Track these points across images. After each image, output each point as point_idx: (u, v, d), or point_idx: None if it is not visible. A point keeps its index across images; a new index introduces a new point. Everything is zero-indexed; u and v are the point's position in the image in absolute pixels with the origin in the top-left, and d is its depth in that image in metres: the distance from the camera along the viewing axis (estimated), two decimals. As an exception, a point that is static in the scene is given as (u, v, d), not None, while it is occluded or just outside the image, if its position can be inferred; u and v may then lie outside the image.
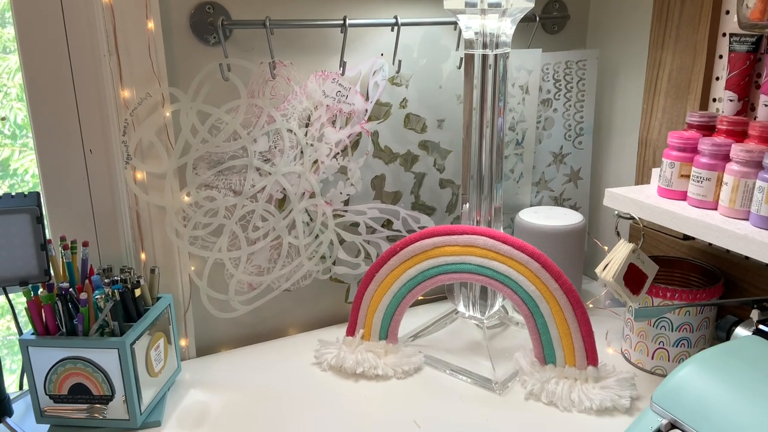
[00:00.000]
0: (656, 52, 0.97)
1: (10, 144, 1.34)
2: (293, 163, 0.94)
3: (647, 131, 1.02)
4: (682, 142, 0.82)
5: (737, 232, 0.72)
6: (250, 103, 0.89)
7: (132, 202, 0.88)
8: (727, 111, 0.86)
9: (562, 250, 1.02)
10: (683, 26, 0.92)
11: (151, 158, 0.86)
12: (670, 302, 0.86)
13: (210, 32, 0.87)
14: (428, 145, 1.04)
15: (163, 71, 0.84)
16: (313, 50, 0.94)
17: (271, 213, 0.95)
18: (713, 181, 0.79)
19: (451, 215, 1.10)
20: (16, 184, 1.37)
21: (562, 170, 1.14)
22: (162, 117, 0.85)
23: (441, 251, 0.91)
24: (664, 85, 0.97)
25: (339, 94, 0.94)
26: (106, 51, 0.81)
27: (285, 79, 0.91)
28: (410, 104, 1.01)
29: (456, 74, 1.03)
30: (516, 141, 1.09)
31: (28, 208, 0.70)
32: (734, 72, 0.85)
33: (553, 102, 1.09)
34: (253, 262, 0.96)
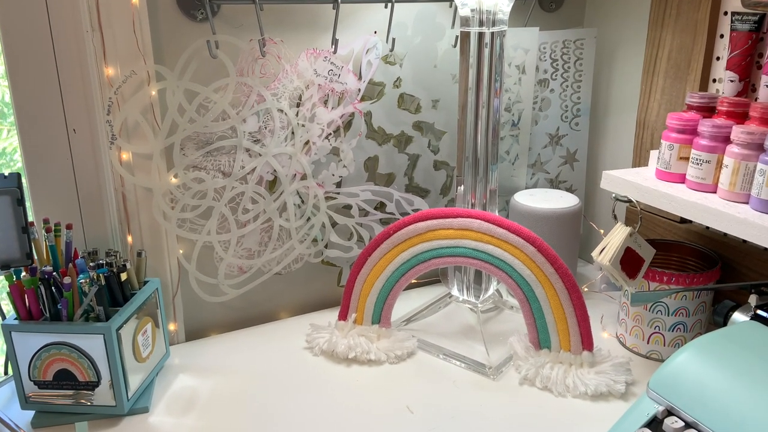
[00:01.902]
0: (656, 31, 0.95)
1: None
2: (284, 143, 0.91)
3: (645, 112, 1.00)
4: (682, 124, 0.80)
5: (737, 215, 0.71)
6: (239, 82, 0.87)
7: (118, 184, 0.85)
8: (728, 92, 0.84)
9: (558, 233, 1.01)
10: (684, 4, 0.90)
11: (136, 138, 0.84)
12: (666, 287, 0.85)
13: (197, 8, 0.84)
14: (422, 126, 1.02)
15: (148, 48, 0.81)
16: (304, 27, 0.91)
17: (262, 195, 0.92)
18: (713, 164, 0.77)
19: (445, 197, 1.08)
20: (4, 164, 1.34)
21: (559, 152, 1.12)
22: (148, 96, 0.82)
23: (435, 234, 0.89)
24: (664, 65, 0.95)
25: (331, 73, 0.91)
26: (89, 27, 0.78)
27: (275, 57, 0.88)
28: (404, 84, 0.98)
29: (451, 53, 1.00)
30: (512, 122, 1.07)
31: (8, 190, 0.67)
32: (735, 52, 0.83)
33: (550, 82, 1.07)
34: (243, 245, 0.94)
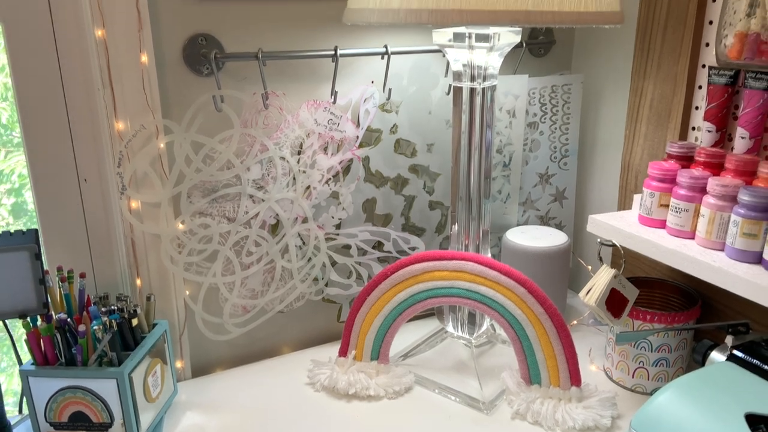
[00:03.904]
0: (638, 81, 1.00)
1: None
2: (286, 189, 0.96)
3: (629, 156, 1.05)
4: (662, 173, 0.85)
5: (712, 264, 0.75)
6: (244, 133, 0.91)
7: (127, 230, 0.89)
8: (705, 141, 0.89)
9: (548, 269, 1.05)
10: (664, 57, 0.95)
11: (145, 188, 0.88)
12: (649, 325, 0.90)
13: (203, 63, 0.88)
14: (418, 169, 1.07)
15: (156, 103, 0.85)
16: (304, 78, 0.96)
17: (265, 238, 0.97)
18: (691, 212, 0.82)
19: (440, 235, 1.13)
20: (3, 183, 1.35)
21: (548, 190, 1.17)
22: (156, 148, 0.87)
23: (431, 275, 0.94)
24: (646, 112, 1.00)
25: (330, 122, 0.96)
26: (100, 84, 0.83)
27: (277, 109, 0.93)
28: (400, 130, 1.03)
29: (445, 100, 1.05)
30: (503, 163, 1.12)
31: (28, 246, 0.71)
32: (712, 104, 0.88)
33: (540, 125, 1.12)
34: (247, 286, 0.98)
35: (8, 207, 1.31)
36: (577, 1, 0.69)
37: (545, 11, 0.68)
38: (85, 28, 0.81)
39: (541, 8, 0.68)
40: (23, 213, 1.30)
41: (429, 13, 0.69)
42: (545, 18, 0.68)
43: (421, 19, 0.70)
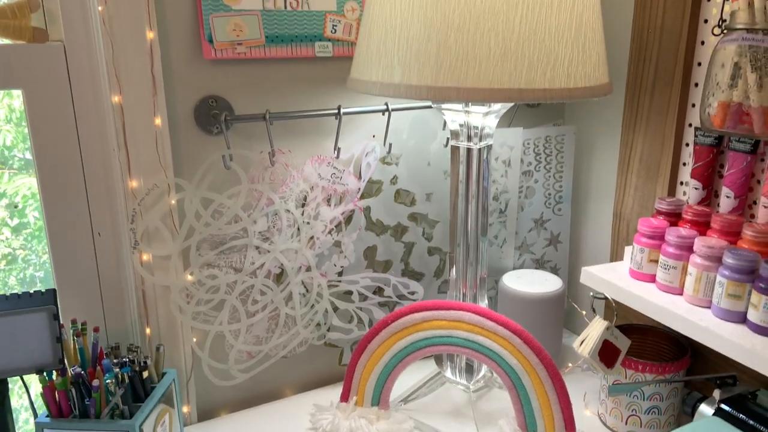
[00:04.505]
0: (628, 135, 1.05)
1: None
2: (291, 240, 1.00)
3: (621, 205, 1.09)
4: (651, 231, 0.89)
5: (699, 323, 0.79)
6: (251, 188, 0.95)
7: (138, 282, 0.93)
8: (693, 198, 0.93)
9: (544, 314, 1.09)
10: (653, 115, 0.99)
11: (157, 241, 0.92)
12: (641, 375, 0.93)
13: (213, 123, 0.93)
14: (417, 217, 1.11)
15: (168, 162, 0.90)
16: (309, 135, 1.00)
17: (270, 287, 1.00)
18: (679, 270, 0.86)
19: (438, 279, 1.16)
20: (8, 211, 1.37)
21: (543, 235, 1.21)
22: (168, 204, 0.91)
23: (429, 324, 0.97)
24: (636, 165, 1.04)
25: (334, 176, 1.00)
26: (115, 146, 0.87)
27: (283, 165, 0.97)
28: (400, 181, 1.07)
29: (443, 151, 1.09)
30: (499, 210, 1.16)
31: (46, 308, 0.75)
32: (699, 163, 0.92)
33: (534, 173, 1.16)
34: (252, 333, 1.02)
35: (11, 226, 1.35)
36: (567, 78, 0.74)
37: (537, 89, 0.72)
38: (103, 94, 0.86)
39: (533, 86, 0.72)
40: (24, 227, 1.31)
41: (428, 90, 0.74)
42: (537, 95, 0.73)
43: (420, 95, 0.74)
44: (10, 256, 1.25)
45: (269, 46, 0.93)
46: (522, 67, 0.72)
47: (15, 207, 1.16)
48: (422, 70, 0.74)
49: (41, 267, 1.25)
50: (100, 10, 0.81)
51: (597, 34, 0.77)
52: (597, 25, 0.77)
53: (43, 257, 1.25)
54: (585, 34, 0.75)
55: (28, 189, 1.28)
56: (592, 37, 0.76)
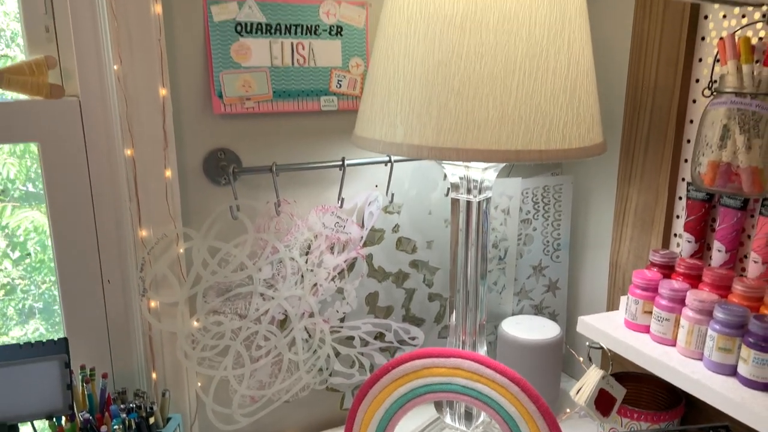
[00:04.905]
0: (624, 187, 1.08)
1: (2, 198, 1.37)
2: (294, 287, 1.02)
3: (617, 255, 1.11)
4: (645, 282, 0.91)
5: (691, 376, 0.81)
6: (257, 237, 0.98)
7: (146, 328, 0.95)
8: (686, 251, 0.96)
9: (542, 360, 1.11)
10: (647, 168, 1.03)
11: (164, 289, 0.94)
12: (636, 424, 0.94)
13: (221, 174, 0.96)
14: (418, 264, 1.13)
15: (178, 212, 0.93)
16: (314, 185, 1.03)
17: (273, 333, 1.02)
18: (672, 322, 0.88)
19: (439, 325, 1.18)
20: (7, 237, 1.39)
21: (542, 281, 1.23)
22: (176, 253, 0.93)
23: (430, 371, 0.99)
24: (631, 217, 1.07)
25: (337, 225, 1.03)
26: (127, 197, 0.90)
27: (289, 215, 1.00)
28: (402, 229, 1.10)
29: (444, 200, 1.13)
30: (499, 257, 1.19)
31: (58, 356, 0.77)
32: (691, 217, 0.95)
33: (533, 221, 1.19)
34: (256, 378, 1.03)
35: (12, 259, 1.37)
36: (562, 140, 0.77)
37: (533, 150, 0.76)
38: (116, 148, 0.89)
39: (530, 148, 0.75)
40: (25, 257, 1.32)
41: (429, 150, 0.77)
42: (533, 156, 0.76)
43: (422, 155, 0.77)
44: (9, 286, 1.27)
45: (276, 101, 0.97)
46: (519, 130, 0.75)
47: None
48: (424, 130, 0.77)
49: (40, 297, 1.27)
50: (115, 69, 0.85)
51: (591, 97, 0.81)
52: (591, 88, 0.81)
53: (42, 287, 1.27)
54: (579, 98, 0.78)
55: (30, 222, 1.31)
56: (586, 99, 0.80)
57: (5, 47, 0.99)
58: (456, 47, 0.74)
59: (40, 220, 1.24)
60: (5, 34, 0.97)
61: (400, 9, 0.79)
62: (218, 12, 0.90)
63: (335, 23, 0.99)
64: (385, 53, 0.81)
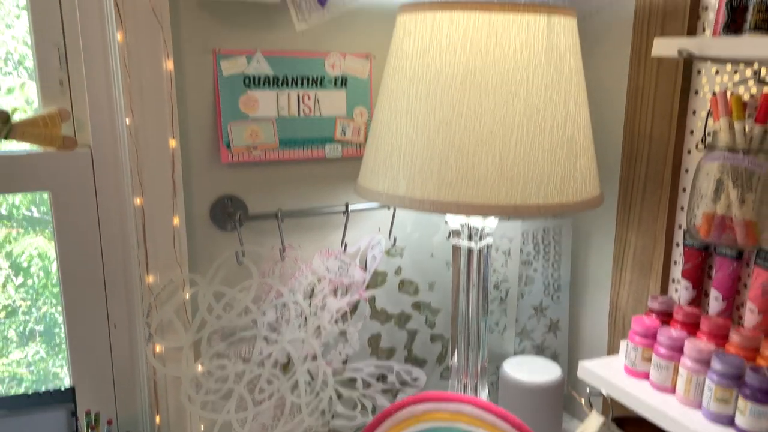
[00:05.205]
0: (622, 231, 1.10)
1: (7, 224, 1.37)
2: (298, 330, 1.04)
3: (617, 297, 1.13)
4: (644, 330, 0.93)
5: (690, 426, 0.82)
6: (261, 282, 1.00)
7: (150, 372, 0.96)
8: (683, 298, 0.97)
9: (544, 401, 1.11)
10: (644, 215, 1.05)
11: (170, 333, 0.96)
12: (638, 471, 0.95)
13: (228, 221, 0.98)
14: (420, 305, 1.15)
15: (184, 258, 0.95)
16: (318, 230, 1.05)
17: (277, 376, 1.04)
18: (671, 370, 0.89)
19: (441, 366, 1.19)
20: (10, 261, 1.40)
21: (543, 322, 1.24)
22: (182, 298, 0.95)
23: (431, 416, 1.00)
24: (630, 261, 1.09)
25: (340, 269, 1.05)
26: (135, 244, 0.92)
27: (293, 259, 1.02)
28: (404, 271, 1.12)
29: (446, 243, 1.14)
30: (500, 298, 1.20)
31: (65, 405, 0.79)
32: (689, 264, 0.96)
33: (533, 263, 1.21)
34: (258, 421, 1.04)
35: (16, 284, 1.38)
36: (560, 194, 0.79)
37: (531, 205, 0.78)
38: (126, 197, 0.92)
39: (528, 202, 0.78)
40: (28, 280, 1.33)
41: (431, 204, 0.79)
42: (531, 211, 0.78)
43: (424, 208, 0.80)
44: (10, 308, 1.28)
45: (282, 149, 1.00)
46: (518, 185, 0.77)
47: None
48: (425, 185, 0.79)
49: (41, 320, 1.29)
50: (127, 122, 0.87)
51: (587, 151, 0.83)
52: (588, 143, 0.84)
53: (44, 309, 1.28)
54: (576, 153, 0.81)
55: (35, 249, 1.33)
56: (582, 154, 0.82)
57: (13, 69, 1.01)
58: (456, 106, 0.77)
59: (44, 246, 1.26)
60: (13, 57, 1.00)
61: (402, 68, 0.82)
62: (228, 66, 0.93)
63: (340, 75, 1.02)
64: (388, 109, 0.84)
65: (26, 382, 1.23)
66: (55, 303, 1.22)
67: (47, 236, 1.22)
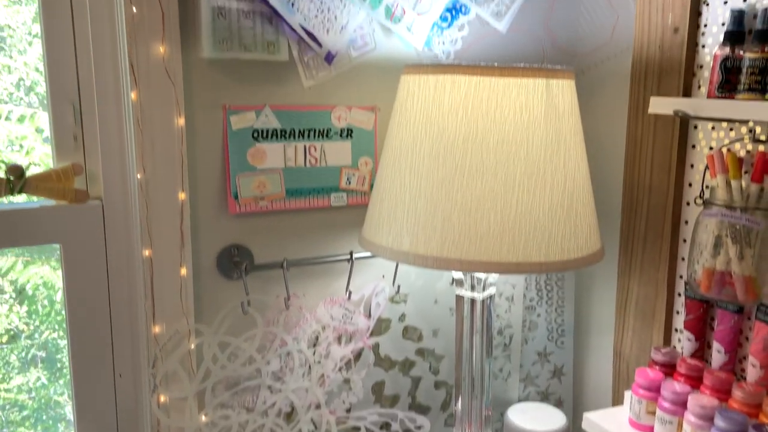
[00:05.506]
0: (624, 280, 1.10)
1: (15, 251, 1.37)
2: (302, 379, 1.04)
3: (621, 344, 1.13)
4: (648, 383, 0.93)
5: (696, 484, 0.81)
6: (266, 331, 1.01)
7: (154, 422, 0.97)
8: (686, 349, 0.97)
9: (548, 451, 1.11)
10: (645, 264, 1.06)
11: (174, 384, 0.96)
12: None
13: (234, 269, 1.00)
14: (424, 352, 1.15)
15: (190, 309, 0.96)
16: (322, 277, 1.07)
17: (280, 425, 1.04)
18: (675, 425, 0.89)
19: (445, 413, 1.19)
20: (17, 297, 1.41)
21: (547, 367, 1.24)
22: (187, 349, 0.96)
23: (435, 467, 1.00)
24: (633, 309, 1.09)
25: (345, 317, 1.06)
26: (142, 295, 0.94)
27: (298, 308, 1.03)
28: (408, 318, 1.13)
29: (449, 289, 1.15)
30: (504, 344, 1.20)
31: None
32: (690, 315, 0.97)
33: (537, 308, 1.21)
34: (262, 470, 1.04)
35: (20, 314, 1.39)
36: (560, 252, 0.80)
37: (533, 262, 0.79)
38: (135, 249, 0.93)
39: (530, 260, 0.79)
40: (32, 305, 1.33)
41: (434, 260, 0.80)
42: (533, 268, 0.79)
43: (427, 264, 0.81)
44: (13, 332, 1.29)
45: (289, 199, 1.02)
46: (519, 243, 0.79)
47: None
48: (428, 242, 0.81)
49: (43, 346, 1.29)
50: (139, 176, 0.90)
51: (588, 208, 0.85)
52: (588, 199, 0.85)
53: (45, 333, 1.28)
54: (576, 210, 0.82)
55: (40, 278, 1.34)
56: (583, 211, 0.83)
57: (24, 95, 1.04)
58: (459, 165, 0.79)
59: (49, 275, 1.27)
60: (24, 83, 1.02)
61: (406, 126, 0.84)
62: (237, 121, 0.96)
63: (346, 126, 1.04)
64: (392, 166, 0.86)
65: (27, 409, 1.23)
66: (58, 329, 1.23)
67: (53, 265, 1.23)
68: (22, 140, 1.06)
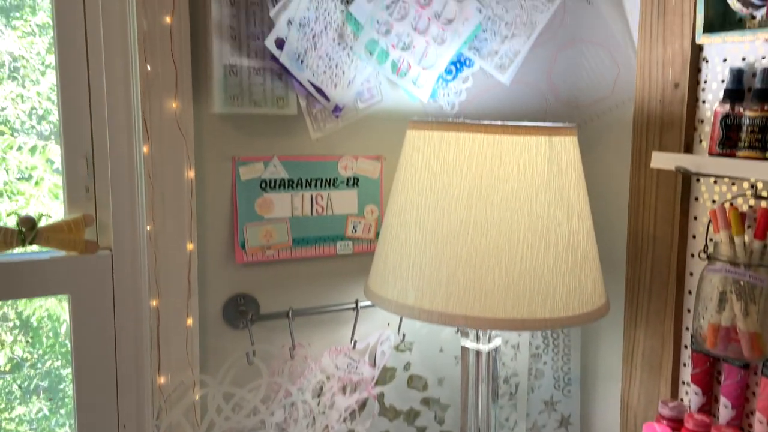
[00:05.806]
0: (630, 330, 1.10)
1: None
2: (306, 430, 1.03)
3: (628, 395, 1.12)
4: (655, 438, 0.92)
5: None
6: (271, 381, 1.01)
7: (158, 474, 0.96)
8: (694, 403, 0.97)
9: (555, 504, 1.09)
10: (651, 316, 1.06)
11: (179, 434, 0.96)
12: None
13: (240, 319, 1.00)
14: (429, 401, 1.14)
15: (196, 359, 0.96)
16: (328, 326, 1.07)
17: (284, 477, 1.03)
18: (684, 482, 0.87)
19: (450, 463, 1.18)
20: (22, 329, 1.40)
21: (554, 416, 1.23)
22: (192, 400, 0.96)
23: None
24: (639, 360, 1.09)
25: (349, 366, 1.06)
26: (149, 345, 0.94)
27: (303, 358, 1.03)
28: (413, 366, 1.12)
29: (455, 338, 1.15)
30: (510, 393, 1.20)
31: None
32: (697, 369, 0.96)
33: (543, 356, 1.21)
34: None
35: (23, 344, 1.38)
36: (566, 307, 0.81)
37: (538, 318, 0.79)
38: (142, 299, 0.94)
39: (535, 316, 0.79)
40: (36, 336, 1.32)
41: (439, 315, 0.81)
42: (538, 324, 0.79)
43: (431, 319, 0.81)
44: (15, 361, 1.28)
45: (295, 248, 1.03)
46: (524, 300, 0.79)
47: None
48: (433, 297, 0.81)
49: (46, 376, 1.28)
50: (148, 228, 0.91)
51: (592, 262, 0.85)
52: (592, 254, 0.86)
53: (47, 363, 1.27)
54: (581, 265, 0.83)
55: (45, 311, 1.34)
56: (587, 266, 0.84)
57: (36, 123, 1.05)
58: (463, 221, 0.80)
59: (54, 308, 1.27)
60: (37, 112, 1.04)
61: (412, 180, 0.85)
62: (245, 172, 0.98)
63: (352, 175, 1.06)
64: (397, 219, 0.87)
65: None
66: (61, 359, 1.22)
67: (58, 299, 1.24)
68: (32, 170, 1.07)
